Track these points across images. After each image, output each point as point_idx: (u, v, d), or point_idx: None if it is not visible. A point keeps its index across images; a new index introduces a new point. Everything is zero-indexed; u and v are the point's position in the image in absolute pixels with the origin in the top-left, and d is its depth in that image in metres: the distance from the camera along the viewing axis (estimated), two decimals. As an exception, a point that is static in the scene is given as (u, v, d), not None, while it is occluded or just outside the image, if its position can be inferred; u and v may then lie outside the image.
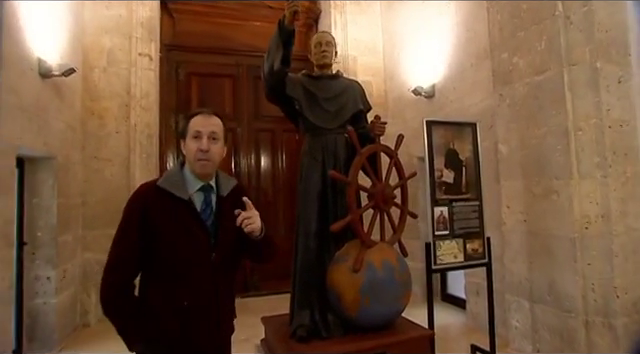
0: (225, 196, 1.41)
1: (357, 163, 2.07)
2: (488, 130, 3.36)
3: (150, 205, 1.31)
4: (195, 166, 1.35)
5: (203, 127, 1.35)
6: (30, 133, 2.79)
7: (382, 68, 5.01)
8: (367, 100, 2.48)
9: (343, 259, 2.05)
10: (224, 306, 1.39)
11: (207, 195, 1.39)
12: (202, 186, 1.37)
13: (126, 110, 4.05)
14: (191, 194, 1.35)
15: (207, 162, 1.34)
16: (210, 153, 1.34)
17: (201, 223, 1.34)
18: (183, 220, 1.31)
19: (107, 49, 4.01)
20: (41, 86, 2.96)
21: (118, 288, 1.30)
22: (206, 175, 1.38)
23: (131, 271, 1.31)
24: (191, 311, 1.30)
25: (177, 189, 1.32)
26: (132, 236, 1.30)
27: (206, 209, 1.37)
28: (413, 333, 2.06)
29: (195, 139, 1.34)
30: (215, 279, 1.35)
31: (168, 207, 1.30)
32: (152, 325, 1.29)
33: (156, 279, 1.32)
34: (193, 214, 1.33)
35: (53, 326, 3.22)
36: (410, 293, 2.16)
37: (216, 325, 1.36)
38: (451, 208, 2.77)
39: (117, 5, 4.04)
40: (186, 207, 1.33)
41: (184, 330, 1.29)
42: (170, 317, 1.29)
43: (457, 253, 2.76)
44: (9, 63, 2.53)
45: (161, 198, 1.31)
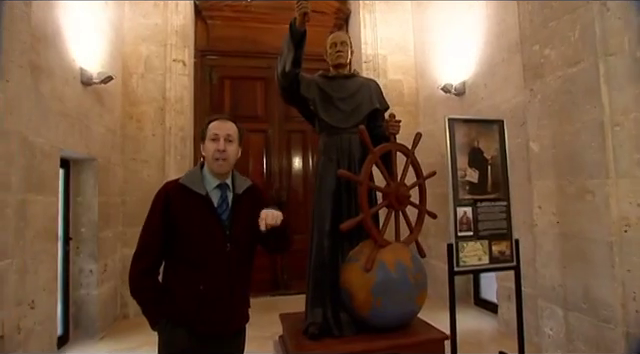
0: (240, 194, 1.56)
1: (369, 162, 2.05)
2: (520, 127, 3.20)
3: (172, 199, 1.46)
4: (213, 165, 1.51)
5: (220, 130, 1.52)
6: (72, 137, 3.02)
7: (413, 66, 4.91)
8: (384, 99, 2.44)
9: (355, 258, 2.04)
10: (238, 293, 1.51)
11: (223, 192, 1.53)
12: (219, 184, 1.53)
13: (161, 114, 4.27)
14: (209, 191, 1.50)
15: (224, 162, 1.50)
16: (226, 153, 1.50)
17: (217, 217, 1.48)
18: (201, 213, 1.46)
19: (144, 56, 4.25)
20: (83, 93, 3.20)
21: (144, 273, 1.45)
22: (223, 174, 1.53)
23: (155, 258, 1.47)
24: (207, 295, 1.43)
25: (196, 186, 1.47)
26: (156, 227, 1.45)
27: (222, 204, 1.51)
28: (427, 335, 2.00)
29: (213, 141, 1.51)
30: (229, 268, 1.47)
31: (188, 201, 1.46)
32: (173, 307, 1.44)
33: (177, 266, 1.47)
34: (210, 208, 1.48)
35: (95, 315, 3.46)
36: (425, 294, 2.11)
37: (230, 309, 1.48)
38: (475, 208, 2.66)
39: (154, 14, 4.27)
40: (204, 202, 1.47)
41: (200, 312, 1.42)
42: (188, 300, 1.42)
43: (482, 255, 2.64)
44: (54, 73, 2.76)
45: (182, 193, 1.46)
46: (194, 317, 1.43)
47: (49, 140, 2.67)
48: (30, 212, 2.39)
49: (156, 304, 1.45)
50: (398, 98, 4.84)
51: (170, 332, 1.45)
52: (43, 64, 2.62)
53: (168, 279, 1.49)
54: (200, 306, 1.43)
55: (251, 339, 3.16)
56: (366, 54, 4.78)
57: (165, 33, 4.28)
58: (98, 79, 3.20)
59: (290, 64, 2.19)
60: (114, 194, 3.93)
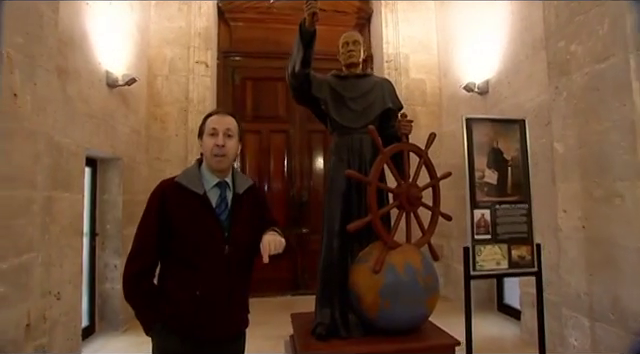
0: (241, 193, 1.47)
1: (378, 162, 2.02)
2: (545, 127, 3.07)
3: (168, 199, 1.39)
4: (211, 162, 1.43)
5: (219, 124, 1.44)
6: (98, 137, 3.15)
7: (436, 65, 4.81)
8: (397, 98, 2.40)
9: (364, 260, 2.01)
10: (236, 297, 1.43)
11: (223, 191, 1.45)
12: (218, 182, 1.44)
13: (184, 114, 4.38)
14: (207, 189, 1.42)
15: (222, 158, 1.42)
16: (225, 148, 1.42)
17: (215, 217, 1.40)
18: (198, 214, 1.38)
19: (169, 59, 4.38)
20: (108, 95, 3.33)
21: (138, 276, 1.39)
22: (222, 171, 1.45)
23: (150, 260, 1.41)
24: (203, 299, 1.36)
25: (193, 184, 1.40)
26: (151, 227, 1.39)
27: (221, 204, 1.43)
28: (437, 340, 1.95)
29: (211, 136, 1.43)
30: (228, 271, 1.40)
31: (184, 201, 1.38)
32: (168, 311, 1.37)
33: (173, 268, 1.40)
34: (208, 208, 1.40)
35: (119, 309, 3.59)
36: (436, 298, 2.05)
37: (227, 315, 1.40)
38: (494, 211, 2.58)
39: (178, 18, 4.39)
40: (201, 202, 1.39)
41: (196, 317, 1.35)
42: (184, 304, 1.36)
43: (500, 259, 2.55)
44: (80, 76, 2.89)
45: (178, 193, 1.39)
46: (190, 322, 1.36)
47: (75, 140, 2.79)
48: (56, 208, 2.51)
49: (150, 309, 1.39)
50: (420, 98, 4.76)
51: (165, 337, 1.39)
52: (70, 67, 2.74)
53: (164, 282, 1.43)
54: (196, 311, 1.36)
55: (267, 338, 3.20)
56: (387, 53, 4.72)
57: (189, 36, 4.39)
58: (122, 81, 3.32)
59: (299, 64, 2.19)
60: (138, 192, 4.06)
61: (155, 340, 1.41)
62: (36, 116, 2.20)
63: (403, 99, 4.63)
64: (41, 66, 2.23)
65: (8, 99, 1.99)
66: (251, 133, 5.18)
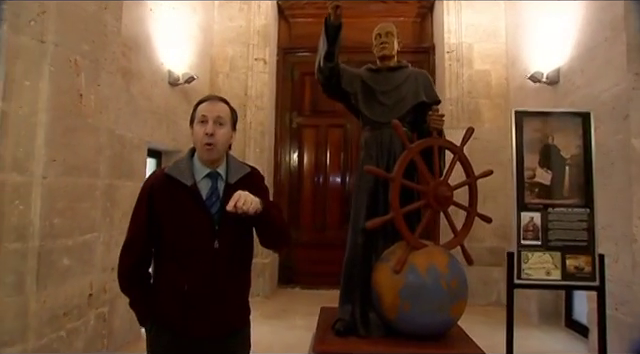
0: (233, 183, 1.36)
1: (403, 159, 1.93)
2: (622, 121, 2.68)
3: (157, 191, 1.34)
4: (201, 152, 1.35)
5: (209, 112, 1.36)
6: (159, 131, 3.46)
7: (503, 54, 4.43)
8: (434, 91, 2.25)
9: (387, 258, 1.95)
10: (228, 295, 1.34)
11: (214, 182, 1.36)
12: (209, 173, 1.36)
13: (243, 110, 4.60)
14: (197, 180, 1.34)
15: (212, 147, 1.33)
16: (215, 137, 1.33)
17: (205, 210, 1.33)
18: (186, 206, 1.32)
19: (230, 57, 4.63)
20: (170, 92, 3.63)
21: (130, 268, 1.37)
22: (212, 161, 1.36)
23: (142, 252, 1.37)
24: (191, 297, 1.30)
25: (183, 176, 1.33)
26: (141, 219, 1.35)
27: (212, 196, 1.35)
28: (458, 349, 1.82)
29: (201, 123, 1.35)
30: (217, 266, 1.32)
31: (173, 193, 1.32)
32: (159, 307, 1.34)
33: (162, 262, 1.36)
34: (197, 201, 1.33)
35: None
36: (463, 305, 1.92)
37: (218, 313, 1.32)
38: (545, 214, 2.32)
39: (239, 17, 4.61)
40: (190, 194, 1.32)
41: (183, 314, 1.30)
42: (172, 300, 1.31)
43: (551, 269, 2.30)
44: (143, 76, 3.20)
45: (168, 184, 1.33)
46: (178, 318, 1.30)
47: (138, 134, 3.10)
48: (118, 195, 2.82)
49: (144, 300, 1.36)
50: (485, 90, 4.43)
51: (156, 333, 1.36)
52: (134, 69, 3.05)
53: (155, 276, 1.39)
54: (185, 307, 1.30)
55: (310, 329, 3.27)
56: (449, 44, 4.46)
57: (248, 34, 4.59)
58: (183, 80, 3.59)
59: (323, 59, 2.18)
60: (201, 183, 4.39)
61: (148, 335, 1.39)
62: (99, 113, 2.49)
63: (464, 92, 4.40)
64: (104, 69, 2.52)
65: (74, 99, 2.28)
66: (309, 128, 5.28)
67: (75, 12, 2.28)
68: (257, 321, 2.16)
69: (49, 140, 2.11)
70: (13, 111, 2.01)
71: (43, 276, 2.10)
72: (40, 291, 2.08)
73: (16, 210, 2.01)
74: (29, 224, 2.05)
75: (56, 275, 2.18)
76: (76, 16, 2.29)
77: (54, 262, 2.17)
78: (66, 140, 2.22)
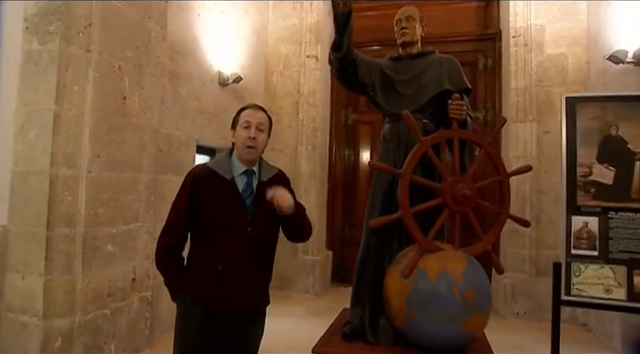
0: (265, 181, 1.57)
1: (414, 153, 1.74)
2: None
3: (199, 182, 1.54)
4: (242, 153, 1.55)
5: (252, 118, 1.57)
6: (209, 129, 3.66)
7: (583, 34, 3.83)
8: (462, 78, 2.00)
9: (399, 261, 1.80)
10: (255, 276, 1.54)
11: (249, 178, 1.57)
12: (245, 170, 1.57)
13: (296, 107, 4.66)
14: (235, 176, 1.55)
15: (253, 149, 1.55)
16: (257, 141, 1.55)
17: (241, 201, 1.53)
18: (225, 197, 1.52)
19: (283, 55, 4.71)
20: (220, 92, 3.82)
21: (169, 248, 1.57)
22: (251, 161, 1.57)
23: (180, 235, 1.57)
24: (225, 275, 1.49)
25: (223, 171, 1.54)
26: (183, 207, 1.55)
27: (247, 190, 1.55)
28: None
29: (245, 129, 1.55)
30: (249, 250, 1.51)
31: (214, 185, 1.52)
32: (193, 282, 1.52)
33: (200, 245, 1.56)
34: (234, 193, 1.53)
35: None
36: (481, 318, 1.68)
37: (246, 291, 1.51)
38: (605, 220, 1.95)
39: (292, 16, 4.67)
40: (229, 186, 1.53)
41: (217, 290, 1.48)
42: (207, 278, 1.50)
43: (612, 286, 1.92)
44: (192, 78, 3.41)
45: (209, 177, 1.53)
46: (211, 294, 1.49)
47: (186, 132, 3.31)
48: (165, 189, 3.04)
49: (178, 278, 1.54)
50: (558, 77, 3.88)
51: (188, 306, 1.52)
52: (182, 71, 3.26)
53: (192, 257, 1.58)
54: (218, 284, 1.48)
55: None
56: (515, 27, 3.98)
57: (301, 32, 4.63)
58: (231, 80, 3.75)
59: (331, 49, 2.09)
60: (254, 179, 4.55)
61: (180, 308, 1.56)
62: (143, 113, 2.71)
63: (533, 81, 3.92)
64: (148, 73, 2.73)
65: (117, 101, 2.51)
66: (365, 124, 5.15)
67: (119, 22, 2.50)
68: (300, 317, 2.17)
69: (93, 138, 2.35)
70: (64, 113, 2.29)
71: (88, 259, 2.35)
72: (85, 272, 2.34)
73: (65, 200, 2.29)
74: (76, 213, 2.31)
75: (100, 259, 2.43)
76: (120, 26, 2.51)
77: (98, 247, 2.41)
78: (110, 138, 2.46)
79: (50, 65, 2.27)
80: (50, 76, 2.26)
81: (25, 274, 2.27)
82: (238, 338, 1.54)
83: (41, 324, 2.21)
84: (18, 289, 2.29)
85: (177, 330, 1.56)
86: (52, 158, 2.24)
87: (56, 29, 2.28)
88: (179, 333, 1.55)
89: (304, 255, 4.57)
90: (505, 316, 3.92)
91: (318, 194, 4.65)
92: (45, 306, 2.22)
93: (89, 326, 2.38)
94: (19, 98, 2.34)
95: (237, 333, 1.54)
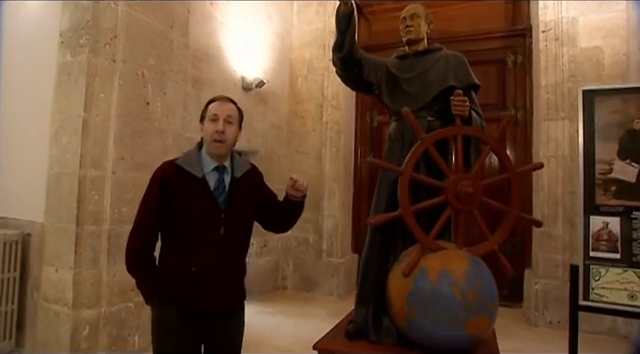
0: (239, 177, 1.51)
1: (415, 151, 1.71)
2: None
3: (168, 180, 1.46)
4: (210, 147, 1.47)
5: (220, 111, 1.49)
6: (232, 133, 3.78)
7: (622, 25, 3.58)
8: (469, 74, 1.93)
9: (401, 260, 1.77)
10: (230, 274, 1.50)
11: (221, 175, 1.50)
12: (216, 166, 1.49)
13: (320, 110, 4.71)
14: (206, 173, 1.47)
15: (222, 144, 1.46)
16: (225, 134, 1.46)
17: (213, 199, 1.46)
18: (196, 196, 1.45)
19: (307, 59, 4.78)
20: (244, 97, 3.94)
21: (139, 250, 1.48)
22: (220, 156, 1.49)
23: (150, 236, 1.50)
24: (199, 275, 1.43)
25: (193, 168, 1.46)
26: (151, 206, 1.47)
27: (219, 187, 1.48)
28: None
29: (212, 122, 1.46)
30: (223, 250, 1.45)
31: (184, 183, 1.45)
32: (167, 284, 1.46)
33: (172, 245, 1.49)
34: (206, 191, 1.46)
35: (253, 280, 4.23)
36: (485, 321, 1.60)
37: (221, 290, 1.46)
38: (628, 220, 1.82)
39: (315, 20, 4.74)
40: (199, 184, 1.45)
41: (192, 291, 1.43)
42: (181, 279, 1.44)
43: (636, 291, 1.79)
44: (215, 83, 3.55)
45: (178, 175, 1.46)
46: (186, 295, 1.43)
47: (209, 136, 3.45)
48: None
49: (150, 280, 1.47)
50: (593, 72, 3.65)
51: (163, 309, 1.47)
52: (205, 77, 3.41)
53: (164, 258, 1.51)
54: (192, 285, 1.43)
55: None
56: (545, 21, 3.80)
57: (324, 36, 4.68)
58: (254, 84, 3.86)
59: (332, 49, 2.10)
60: (279, 182, 4.61)
61: (155, 310, 1.51)
62: (165, 118, 2.86)
63: (565, 76, 3.72)
64: (170, 79, 2.88)
65: (141, 106, 2.67)
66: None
67: (142, 33, 2.67)
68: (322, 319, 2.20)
69: (118, 141, 2.52)
70: (91, 118, 2.47)
71: (113, 254, 2.51)
72: (110, 266, 2.50)
73: (93, 199, 2.46)
74: (102, 211, 2.48)
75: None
76: (143, 36, 2.68)
77: (122, 244, 2.54)
78: (133, 141, 2.62)
79: (80, 75, 2.46)
80: (80, 85, 2.46)
81: (58, 267, 2.46)
82: (217, 336, 1.51)
83: (71, 313, 2.39)
84: (52, 281, 2.49)
85: (154, 334, 1.51)
86: (81, 160, 2.43)
87: (85, 42, 2.47)
88: (156, 336, 1.50)
89: (328, 257, 4.59)
90: (537, 324, 3.72)
91: (342, 196, 4.66)
92: (74, 297, 2.39)
93: (114, 317, 2.53)
94: (54, 106, 2.56)
95: (216, 332, 1.50)
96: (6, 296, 2.52)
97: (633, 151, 1.83)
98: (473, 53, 4.87)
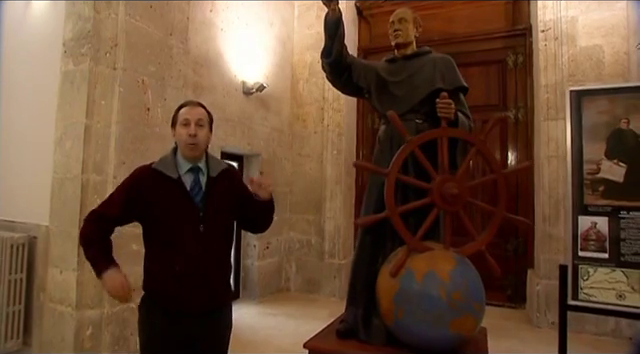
0: (214, 176, 1.57)
1: (401, 153, 1.74)
2: None
3: (144, 183, 1.51)
4: (185, 150, 1.54)
5: (190, 115, 1.56)
6: (233, 137, 3.85)
7: (622, 23, 3.56)
8: (456, 76, 1.95)
9: (389, 261, 1.80)
10: (213, 272, 1.53)
11: (196, 175, 1.55)
12: (191, 167, 1.55)
13: (321, 113, 4.76)
14: (181, 174, 1.53)
15: (195, 146, 1.53)
16: (197, 137, 1.53)
17: (190, 199, 1.51)
18: (173, 196, 1.50)
19: (308, 63, 4.84)
20: (245, 101, 4.01)
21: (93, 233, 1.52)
22: (194, 157, 1.55)
23: (105, 226, 1.54)
24: (182, 275, 1.46)
25: (168, 170, 1.52)
26: (116, 202, 1.53)
27: (195, 187, 1.53)
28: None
29: (184, 126, 1.54)
30: (204, 248, 1.49)
31: (160, 185, 1.50)
32: (152, 286, 1.51)
33: (154, 248, 1.54)
34: (182, 191, 1.51)
35: (256, 282, 4.29)
36: (471, 321, 1.61)
37: (205, 289, 1.49)
38: (616, 220, 1.83)
39: (316, 25, 4.78)
40: (176, 185, 1.51)
41: (178, 291, 1.47)
42: (164, 280, 1.48)
43: (624, 291, 1.79)
44: (215, 88, 3.63)
45: (155, 178, 1.52)
46: (171, 295, 1.47)
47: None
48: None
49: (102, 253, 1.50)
50: (593, 71, 3.63)
51: (149, 312, 1.51)
52: (205, 83, 3.48)
53: (148, 261, 1.55)
54: (176, 285, 1.46)
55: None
56: (544, 21, 3.79)
57: (325, 40, 4.72)
58: (254, 89, 3.93)
59: (321, 55, 2.14)
60: (282, 184, 4.69)
61: (140, 313, 1.55)
62: (166, 123, 2.89)
63: (565, 76, 3.71)
64: (170, 85, 2.96)
65: (141, 113, 2.75)
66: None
67: (142, 41, 2.75)
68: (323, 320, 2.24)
69: (119, 147, 2.60)
70: (93, 125, 2.55)
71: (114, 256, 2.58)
72: (112, 269, 2.57)
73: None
74: (104, 214, 2.55)
75: (126, 257, 2.62)
76: (143, 44, 2.76)
77: (123, 246, 2.62)
78: (134, 146, 2.70)
79: (82, 83, 2.55)
80: (82, 93, 2.55)
81: (62, 269, 2.55)
82: (203, 336, 1.53)
83: (75, 314, 2.47)
84: (57, 282, 2.57)
85: (140, 336, 1.54)
86: (83, 165, 2.51)
87: (87, 51, 2.56)
88: (143, 336, 1.54)
89: (330, 259, 4.62)
90: (539, 325, 3.70)
91: (344, 198, 4.69)
92: (78, 298, 2.48)
93: (116, 318, 2.61)
94: (58, 113, 2.66)
95: (203, 330, 1.52)
96: (14, 297, 2.62)
97: (620, 151, 1.84)
98: (474, 54, 4.89)
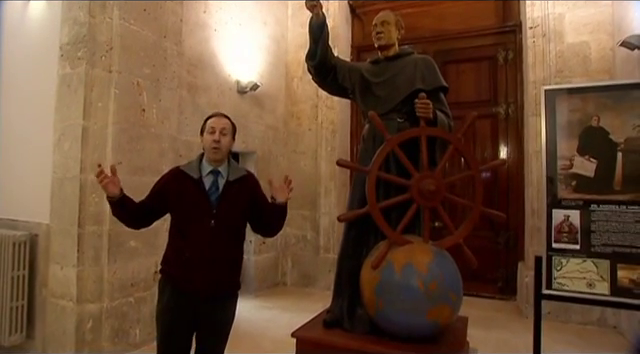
0: (232, 181, 1.80)
1: (381, 151, 1.82)
2: None
3: (170, 181, 1.84)
4: (209, 153, 1.80)
5: (216, 124, 1.81)
6: (228, 135, 3.93)
7: (607, 20, 3.62)
8: (436, 77, 2.03)
9: (372, 254, 1.90)
10: (221, 261, 1.76)
11: (216, 178, 1.80)
12: (212, 170, 1.80)
13: (315, 111, 4.83)
14: (202, 175, 1.79)
15: (218, 150, 1.78)
16: (220, 143, 1.78)
17: (206, 197, 1.76)
18: (192, 193, 1.77)
19: (302, 61, 4.84)
20: (240, 100, 4.09)
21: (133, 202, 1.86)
22: (217, 161, 1.80)
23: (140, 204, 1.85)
24: (190, 261, 1.73)
25: (192, 171, 1.80)
26: (149, 194, 1.88)
27: (212, 187, 1.79)
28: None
29: (210, 134, 1.79)
30: (212, 240, 1.73)
31: (183, 183, 1.79)
32: (166, 268, 1.81)
33: (172, 236, 1.83)
34: (201, 189, 1.77)
35: (253, 277, 4.40)
36: (447, 310, 1.70)
37: (211, 275, 1.72)
38: (587, 213, 1.92)
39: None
40: (196, 184, 1.77)
41: (183, 274, 1.73)
42: (176, 263, 1.76)
43: (595, 280, 1.88)
44: (210, 88, 3.71)
45: (180, 177, 1.81)
46: (178, 275, 1.74)
47: (205, 139, 3.61)
48: (185, 191, 3.34)
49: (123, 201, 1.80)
50: (580, 66, 3.70)
51: (162, 289, 1.80)
52: (199, 83, 3.57)
53: (167, 246, 1.85)
54: (183, 269, 1.72)
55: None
56: (532, 18, 3.86)
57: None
58: (248, 88, 4.01)
59: (305, 57, 2.22)
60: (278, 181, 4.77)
61: (158, 290, 1.84)
62: (161, 123, 3.02)
63: (552, 72, 3.78)
64: (165, 86, 3.05)
65: (137, 113, 2.84)
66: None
67: (137, 44, 2.84)
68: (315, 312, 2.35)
69: (115, 147, 2.69)
70: (90, 126, 2.65)
71: (113, 253, 2.69)
72: (111, 264, 2.68)
73: (93, 201, 2.64)
74: (103, 212, 2.66)
75: (124, 253, 2.76)
76: (137, 47, 2.84)
77: (122, 243, 2.75)
78: (131, 146, 2.79)
79: (79, 86, 2.64)
80: (79, 96, 2.64)
81: (63, 265, 2.66)
82: (208, 317, 1.75)
83: (75, 308, 2.58)
84: (58, 278, 2.68)
85: (157, 305, 1.82)
86: (81, 165, 2.61)
87: (83, 54, 2.65)
88: (158, 307, 1.81)
89: (325, 253, 4.72)
90: (529, 317, 3.79)
91: (338, 194, 4.78)
92: (78, 293, 2.58)
93: (115, 312, 2.71)
94: (56, 115, 2.75)
95: (206, 312, 1.75)
96: (17, 292, 2.72)
97: (591, 147, 1.92)
98: (465, 50, 4.96)
